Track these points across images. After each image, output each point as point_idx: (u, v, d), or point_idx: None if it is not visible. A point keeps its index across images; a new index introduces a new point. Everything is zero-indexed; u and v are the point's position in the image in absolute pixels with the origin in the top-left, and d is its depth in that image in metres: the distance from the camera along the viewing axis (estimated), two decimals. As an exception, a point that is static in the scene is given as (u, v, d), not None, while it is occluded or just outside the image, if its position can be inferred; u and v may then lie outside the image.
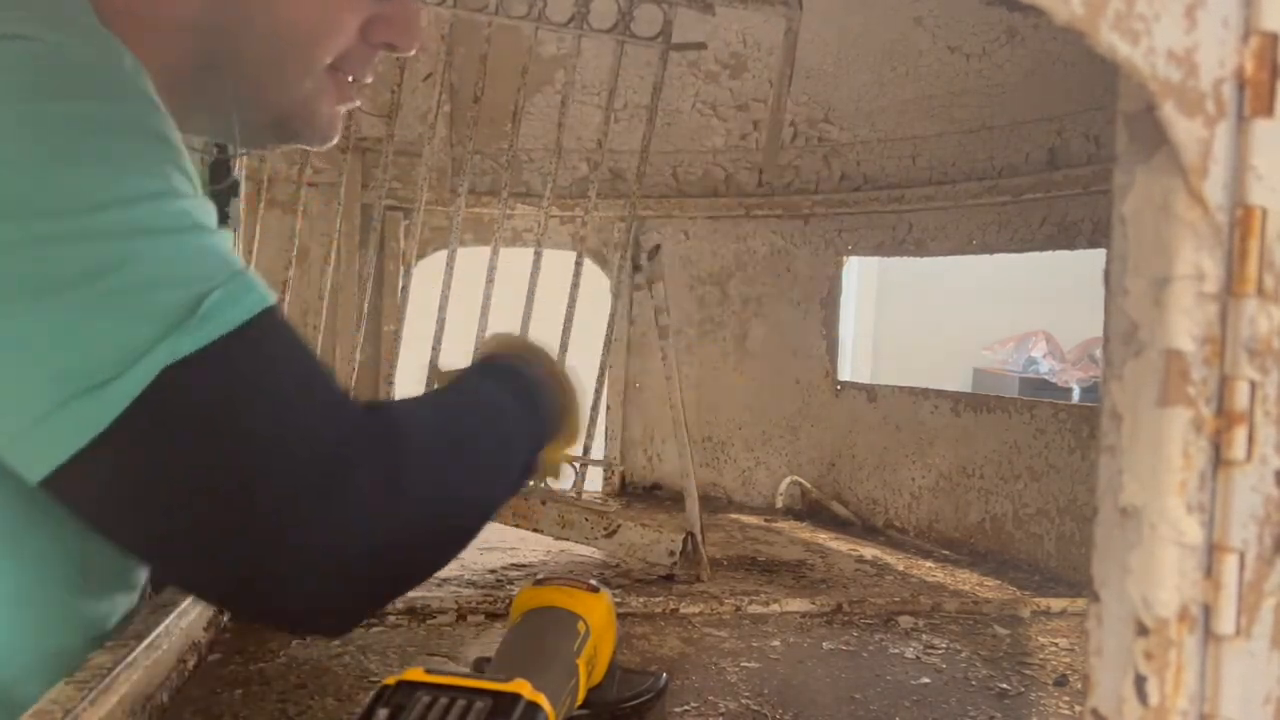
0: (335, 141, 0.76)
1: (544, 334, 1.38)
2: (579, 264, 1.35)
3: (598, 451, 1.81)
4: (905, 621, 1.07)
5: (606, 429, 1.80)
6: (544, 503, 1.24)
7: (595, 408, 1.34)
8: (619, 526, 1.22)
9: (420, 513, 0.55)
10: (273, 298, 0.54)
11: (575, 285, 1.34)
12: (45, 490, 0.51)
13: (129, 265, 0.50)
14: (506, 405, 0.69)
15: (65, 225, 0.49)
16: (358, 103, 0.76)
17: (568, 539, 1.25)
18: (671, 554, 1.21)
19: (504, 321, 1.42)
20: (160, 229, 0.51)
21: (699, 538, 1.23)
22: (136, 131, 0.54)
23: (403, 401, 0.63)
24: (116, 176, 0.51)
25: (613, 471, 1.75)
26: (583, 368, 1.39)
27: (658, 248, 1.32)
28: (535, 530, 1.25)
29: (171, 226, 0.52)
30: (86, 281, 0.49)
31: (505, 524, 1.25)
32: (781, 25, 1.52)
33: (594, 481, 1.83)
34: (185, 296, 0.50)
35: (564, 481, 1.31)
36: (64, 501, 0.51)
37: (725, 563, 1.32)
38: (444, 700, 0.50)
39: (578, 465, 1.31)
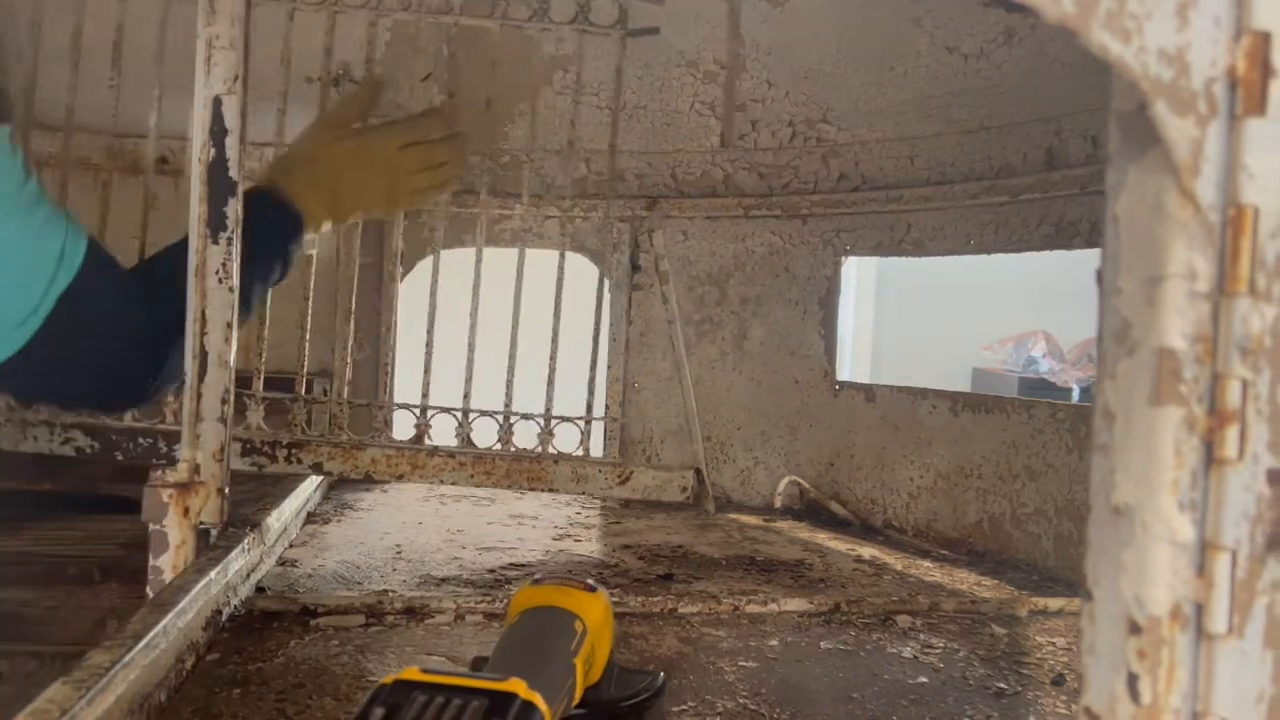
0: None
1: (544, 333, 1.40)
2: (562, 262, 1.36)
3: (596, 452, 1.82)
4: (903, 621, 1.08)
5: (606, 429, 1.80)
6: (556, 462, 1.27)
7: (591, 390, 1.37)
8: (631, 473, 1.26)
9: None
10: (80, 224, 0.87)
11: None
12: None
13: (35, 241, 0.81)
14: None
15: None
16: None
17: (584, 493, 1.30)
18: (684, 489, 1.25)
19: (500, 321, 1.43)
20: (36, 207, 0.81)
21: (705, 473, 1.28)
22: None
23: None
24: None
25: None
26: (580, 367, 1.41)
27: (655, 200, 1.36)
28: (550, 490, 1.29)
29: (40, 202, 0.82)
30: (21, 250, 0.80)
31: (519, 488, 1.29)
32: (782, 27, 1.53)
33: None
34: (57, 249, 0.81)
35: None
36: None
37: (724, 562, 1.33)
38: (440, 699, 0.50)
39: (581, 424, 1.35)
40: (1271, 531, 0.33)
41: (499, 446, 1.32)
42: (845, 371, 1.72)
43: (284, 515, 1.27)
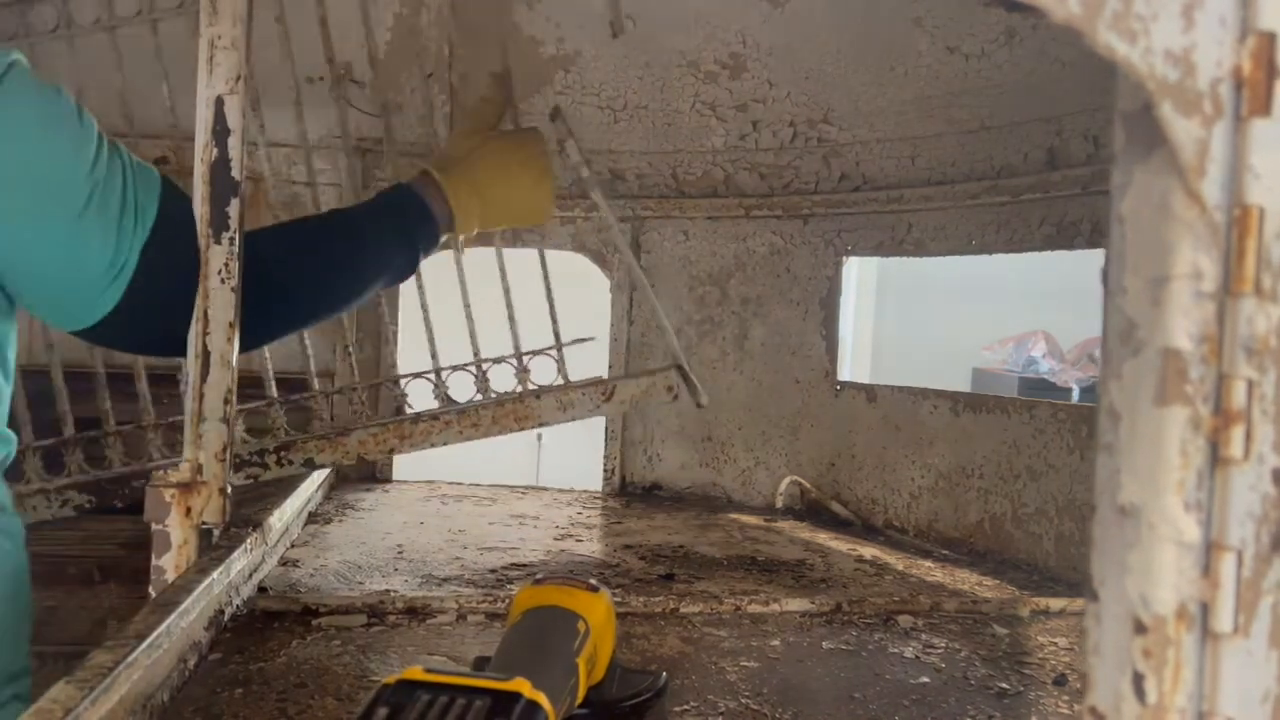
0: None
1: (543, 333, 1.39)
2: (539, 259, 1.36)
3: (597, 452, 1.82)
4: (904, 621, 1.08)
5: (607, 428, 1.80)
6: (538, 396, 1.26)
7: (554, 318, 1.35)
8: (614, 388, 1.25)
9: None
10: (154, 170, 0.91)
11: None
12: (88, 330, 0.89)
13: (115, 200, 0.85)
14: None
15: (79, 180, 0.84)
16: None
17: (573, 419, 1.28)
18: (670, 389, 1.24)
19: (497, 321, 1.42)
20: (114, 172, 0.86)
21: (687, 368, 1.27)
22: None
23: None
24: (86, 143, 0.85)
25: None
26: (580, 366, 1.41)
27: (558, 108, 1.34)
28: (540, 425, 1.27)
29: (116, 166, 0.86)
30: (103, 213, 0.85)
31: (508, 431, 1.28)
32: (783, 28, 1.52)
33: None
34: (132, 207, 0.86)
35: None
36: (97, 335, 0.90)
37: (725, 562, 1.33)
38: (443, 699, 0.50)
39: (555, 355, 1.34)
40: (1277, 531, 0.33)
41: (479, 397, 1.32)
42: (846, 371, 1.72)
43: (285, 515, 1.27)
